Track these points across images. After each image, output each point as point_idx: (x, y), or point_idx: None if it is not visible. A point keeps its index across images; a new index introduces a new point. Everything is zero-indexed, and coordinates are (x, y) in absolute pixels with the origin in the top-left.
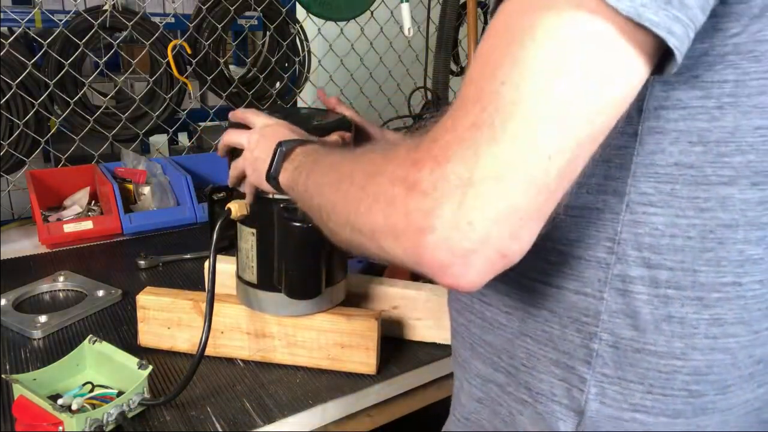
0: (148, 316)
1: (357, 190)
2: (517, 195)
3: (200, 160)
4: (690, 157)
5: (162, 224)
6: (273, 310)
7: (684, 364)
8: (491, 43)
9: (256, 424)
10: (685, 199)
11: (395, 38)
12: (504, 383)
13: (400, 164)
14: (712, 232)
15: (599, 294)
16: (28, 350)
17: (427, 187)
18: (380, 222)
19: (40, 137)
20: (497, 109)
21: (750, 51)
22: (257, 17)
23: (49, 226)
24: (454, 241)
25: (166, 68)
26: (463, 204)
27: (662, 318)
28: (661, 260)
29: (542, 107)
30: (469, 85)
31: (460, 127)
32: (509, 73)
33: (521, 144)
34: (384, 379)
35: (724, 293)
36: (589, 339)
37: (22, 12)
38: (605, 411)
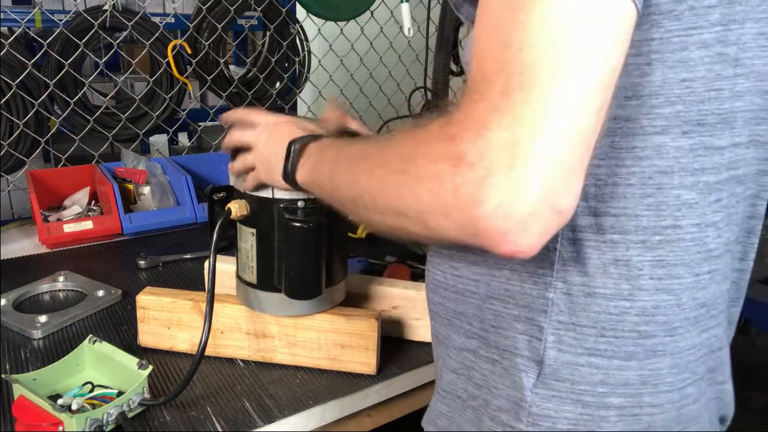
0: (148, 316)
1: (396, 175)
2: (561, 147)
3: (200, 160)
4: (626, 111)
5: (162, 224)
6: (273, 311)
7: (632, 305)
8: (495, 17)
9: (256, 424)
10: (624, 150)
11: (395, 38)
12: (476, 348)
13: (437, 142)
14: (651, 178)
15: (552, 245)
16: (28, 350)
17: (473, 158)
18: (428, 201)
19: (40, 137)
20: (521, 73)
21: (670, 11)
22: (257, 17)
23: (49, 226)
24: (511, 206)
25: (166, 68)
26: (513, 167)
27: (609, 262)
28: (605, 208)
29: (561, 62)
30: (485, 62)
31: (490, 97)
32: (523, 39)
33: (552, 97)
34: (384, 379)
35: (665, 236)
36: (544, 289)
37: (22, 12)
38: (562, 357)
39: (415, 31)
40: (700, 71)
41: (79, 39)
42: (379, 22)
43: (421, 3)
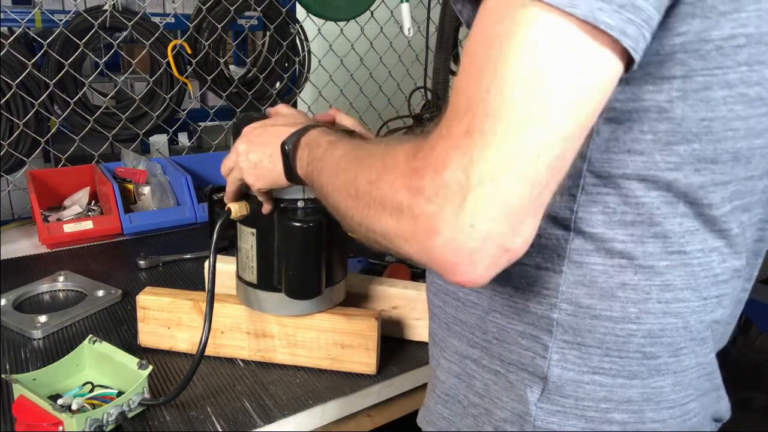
0: (148, 316)
1: (363, 195)
2: (513, 194)
3: (200, 160)
4: (641, 145)
5: (162, 224)
6: (273, 310)
7: (638, 327)
8: (473, 51)
9: (256, 424)
10: (635, 181)
11: (395, 38)
12: (479, 357)
13: (401, 173)
14: (659, 208)
15: (558, 268)
16: (28, 350)
17: (429, 194)
18: (391, 226)
19: (40, 137)
20: (486, 115)
21: (696, 50)
22: (257, 17)
23: (49, 226)
24: (459, 242)
25: (166, 68)
26: (463, 207)
27: (617, 286)
28: (613, 234)
29: (526, 110)
30: (458, 93)
31: (454, 135)
32: (492, 81)
33: (511, 146)
34: (384, 379)
35: (671, 261)
36: (549, 309)
37: (22, 12)
38: (567, 375)
39: (415, 31)
40: (720, 111)
41: (79, 39)
42: (379, 22)
43: (421, 3)
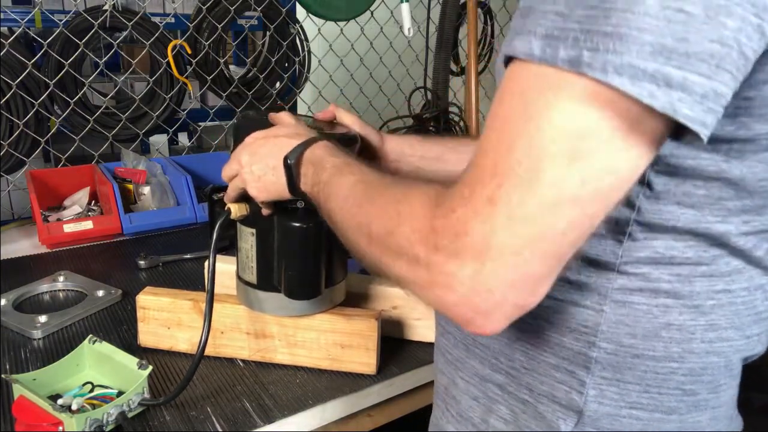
0: (148, 316)
1: (378, 241)
2: (533, 265)
3: (200, 160)
4: (692, 199)
5: (162, 224)
6: (273, 311)
7: (680, 366)
8: (508, 112)
9: (256, 424)
10: (683, 229)
11: (395, 38)
12: (504, 383)
13: (418, 229)
14: (706, 251)
15: (599, 307)
16: (28, 350)
17: (448, 254)
18: (406, 273)
19: (40, 137)
20: (514, 187)
21: (762, 114)
22: (257, 17)
23: (49, 226)
24: (475, 302)
25: (166, 68)
26: (481, 273)
27: (661, 326)
28: (659, 275)
29: (558, 190)
30: (485, 153)
31: (476, 201)
32: (525, 154)
33: (537, 224)
34: (384, 379)
35: (717, 300)
36: (587, 347)
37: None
38: (603, 410)
39: (415, 31)
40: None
41: (79, 39)
42: (379, 22)
43: (421, 3)
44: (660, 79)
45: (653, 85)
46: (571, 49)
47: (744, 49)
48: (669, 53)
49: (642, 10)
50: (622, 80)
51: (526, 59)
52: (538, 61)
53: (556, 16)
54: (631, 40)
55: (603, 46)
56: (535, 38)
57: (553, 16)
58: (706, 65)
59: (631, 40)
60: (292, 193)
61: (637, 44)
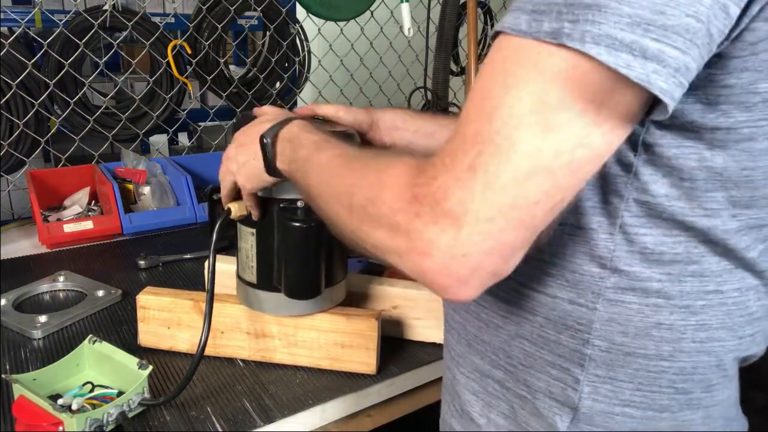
0: (148, 316)
1: (358, 210)
2: (508, 234)
3: (200, 160)
4: (679, 190)
5: (162, 224)
6: (273, 310)
7: (671, 365)
8: (489, 81)
9: (256, 424)
10: (672, 222)
11: (395, 38)
12: (503, 379)
13: (400, 196)
14: (696, 247)
15: (592, 305)
16: (28, 350)
17: (427, 221)
18: (385, 241)
19: (40, 137)
20: (492, 155)
21: (742, 102)
22: (257, 17)
23: (49, 226)
24: (451, 267)
25: (166, 68)
26: (458, 238)
27: (652, 325)
28: (650, 273)
29: (533, 160)
30: (466, 123)
31: (457, 168)
32: (503, 123)
33: (512, 192)
34: (384, 379)
35: (708, 300)
36: (582, 345)
37: (22, 12)
38: (597, 406)
39: (415, 31)
40: (763, 160)
41: (79, 39)
42: (379, 22)
43: (421, 3)
44: (636, 50)
45: (629, 55)
46: (555, 22)
47: (710, 27)
48: (647, 25)
49: None
50: (599, 50)
51: (511, 33)
52: (522, 35)
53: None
54: (610, 10)
55: (582, 17)
56: (523, 13)
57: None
58: (682, 39)
59: (610, 10)
60: (270, 173)
61: (615, 15)
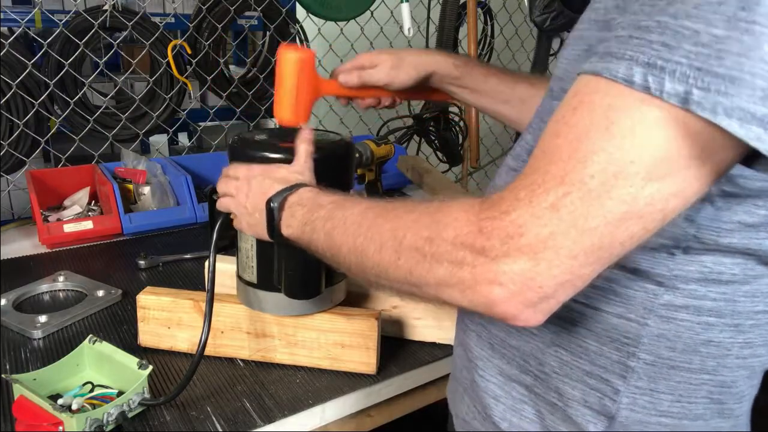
0: (148, 316)
1: (412, 252)
2: (586, 269)
3: (200, 160)
4: (752, 218)
5: (162, 224)
6: (273, 310)
7: (712, 378)
8: (587, 125)
9: (256, 424)
10: (736, 248)
11: (395, 38)
12: (532, 385)
13: (464, 231)
14: (752, 269)
15: (642, 320)
16: (28, 350)
17: (496, 254)
18: (445, 279)
19: (40, 137)
20: (582, 199)
21: None
22: (257, 17)
23: (49, 226)
24: (524, 296)
25: (166, 68)
26: (535, 270)
27: (701, 342)
28: (706, 292)
29: (626, 208)
30: (553, 160)
31: (537, 205)
32: (601, 169)
33: (599, 235)
34: (384, 379)
35: (757, 320)
36: (627, 357)
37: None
38: (634, 416)
39: (415, 31)
40: None
41: (79, 39)
42: (379, 22)
43: (421, 3)
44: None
45: (761, 128)
46: (678, 84)
47: None
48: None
49: (758, 55)
50: (731, 122)
51: (620, 82)
52: (631, 86)
53: (662, 46)
54: (744, 84)
55: (714, 87)
56: (636, 65)
57: (659, 46)
58: None
59: (744, 84)
60: (271, 236)
61: (749, 88)
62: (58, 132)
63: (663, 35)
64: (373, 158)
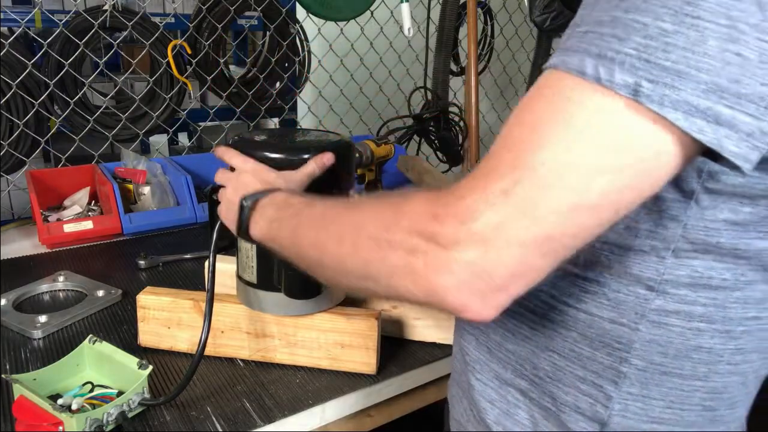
0: (148, 316)
1: (368, 240)
2: (538, 260)
3: (200, 160)
4: (738, 216)
5: (162, 224)
6: (273, 310)
7: (704, 384)
8: (543, 114)
9: (256, 424)
10: (725, 249)
11: (395, 38)
12: (526, 389)
13: (418, 218)
14: (744, 275)
15: (634, 325)
16: (28, 350)
17: (447, 241)
18: (399, 268)
19: (40, 137)
20: (532, 185)
21: None
22: (257, 17)
23: (49, 226)
24: (473, 285)
25: (166, 68)
26: (485, 258)
27: (692, 348)
28: (696, 297)
29: (577, 198)
30: (507, 147)
31: (489, 191)
32: (553, 157)
33: (550, 224)
34: (384, 379)
35: (747, 327)
36: (619, 362)
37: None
38: (626, 423)
39: (415, 31)
40: None
41: (79, 39)
42: (379, 22)
43: (421, 3)
44: (710, 116)
45: (703, 121)
46: (628, 75)
47: None
48: (722, 92)
49: (702, 50)
50: (677, 115)
51: (573, 73)
52: (583, 77)
53: (612, 38)
54: (690, 77)
55: (662, 80)
56: (588, 56)
57: (609, 38)
58: (755, 106)
59: (689, 77)
60: (238, 233)
61: (694, 82)
62: (58, 132)
63: (614, 28)
64: (373, 158)
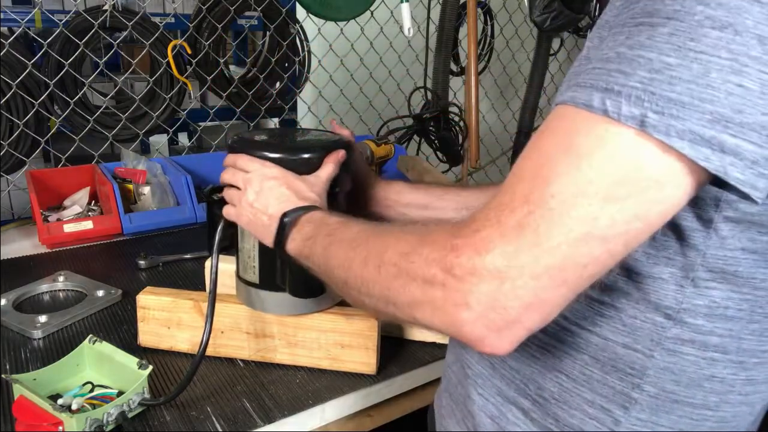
0: (148, 316)
1: (390, 267)
2: (551, 292)
3: (200, 160)
4: (756, 245)
5: (162, 224)
6: (274, 310)
7: (713, 414)
8: (551, 148)
9: (256, 424)
10: (743, 279)
11: (395, 38)
12: (529, 409)
13: (438, 248)
14: (761, 307)
15: (649, 352)
16: (28, 350)
17: (463, 273)
18: (418, 297)
19: (40, 137)
20: (543, 217)
21: None
22: (257, 17)
23: (49, 226)
24: (490, 319)
25: (166, 68)
26: (499, 291)
27: (705, 377)
28: (712, 327)
29: (587, 228)
30: (520, 181)
31: (503, 224)
32: (561, 189)
33: (561, 254)
34: (384, 379)
35: (762, 359)
36: (630, 388)
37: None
38: None
39: (415, 31)
40: None
41: (79, 39)
42: (379, 22)
43: (421, 3)
44: (715, 145)
45: (709, 149)
46: (635, 107)
47: None
48: (726, 122)
49: (705, 82)
50: (683, 144)
51: (582, 108)
52: (590, 110)
53: (618, 73)
54: (694, 108)
55: (667, 111)
56: (595, 91)
57: (616, 72)
58: (757, 135)
59: (694, 108)
60: (275, 247)
61: (698, 112)
62: (58, 132)
63: (620, 64)
64: (373, 158)
